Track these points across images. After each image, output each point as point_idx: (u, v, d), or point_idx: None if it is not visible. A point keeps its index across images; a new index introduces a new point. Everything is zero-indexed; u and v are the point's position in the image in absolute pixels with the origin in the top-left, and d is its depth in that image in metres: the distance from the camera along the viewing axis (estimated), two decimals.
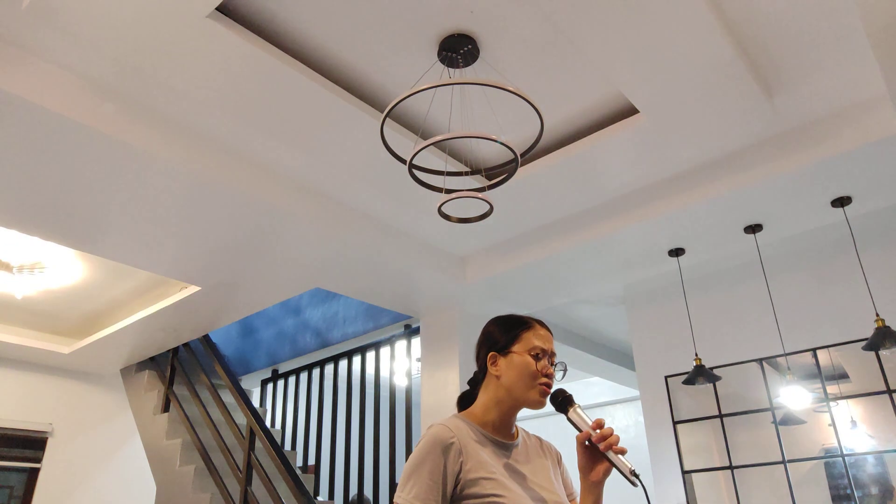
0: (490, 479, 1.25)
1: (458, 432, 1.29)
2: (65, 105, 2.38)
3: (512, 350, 1.37)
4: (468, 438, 1.30)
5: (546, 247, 3.70)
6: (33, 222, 3.20)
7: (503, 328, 1.42)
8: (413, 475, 1.23)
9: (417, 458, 1.25)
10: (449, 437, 1.27)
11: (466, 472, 1.24)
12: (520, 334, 1.39)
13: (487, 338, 1.43)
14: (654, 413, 4.32)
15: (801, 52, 2.50)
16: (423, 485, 1.21)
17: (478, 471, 1.25)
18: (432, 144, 2.10)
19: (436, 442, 1.25)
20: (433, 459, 1.23)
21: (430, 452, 1.24)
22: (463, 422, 1.34)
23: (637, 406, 6.87)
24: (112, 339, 4.97)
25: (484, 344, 1.44)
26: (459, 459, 1.25)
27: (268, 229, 3.30)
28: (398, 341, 5.02)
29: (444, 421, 1.32)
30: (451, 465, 1.24)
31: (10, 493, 5.13)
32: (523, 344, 1.37)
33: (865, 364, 3.63)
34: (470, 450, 1.27)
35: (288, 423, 5.97)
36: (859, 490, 3.53)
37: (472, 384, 1.47)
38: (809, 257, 4.01)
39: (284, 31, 2.35)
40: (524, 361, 1.35)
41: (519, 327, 1.40)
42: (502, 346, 1.39)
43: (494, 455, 1.32)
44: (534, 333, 1.39)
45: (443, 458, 1.23)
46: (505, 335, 1.40)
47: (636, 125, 2.81)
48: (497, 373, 1.37)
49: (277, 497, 3.92)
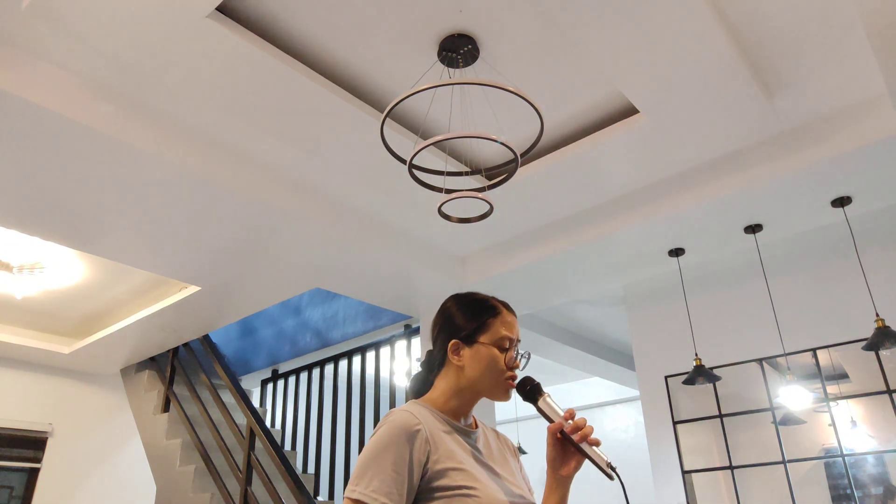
0: (459, 471, 1.14)
1: (423, 419, 1.17)
2: (65, 105, 2.38)
3: (478, 340, 1.25)
4: (434, 425, 1.19)
5: (546, 247, 3.70)
6: (33, 222, 3.20)
7: (468, 313, 1.29)
8: (372, 466, 1.09)
9: (378, 447, 1.11)
10: (414, 423, 1.14)
11: (434, 462, 1.13)
12: (487, 322, 1.27)
13: (448, 322, 1.30)
14: (654, 413, 4.33)
15: (801, 52, 2.50)
16: (386, 476, 1.08)
17: (446, 461, 1.14)
18: (432, 144, 2.10)
19: (400, 429, 1.12)
20: (397, 448, 1.10)
21: (394, 441, 1.11)
22: (425, 408, 1.23)
23: (637, 406, 6.87)
24: (112, 339, 4.97)
25: (444, 328, 1.30)
26: (426, 448, 1.13)
27: (268, 229, 3.30)
28: (398, 341, 5.02)
29: (405, 407, 1.20)
30: (418, 455, 1.11)
31: (10, 493, 5.13)
32: (490, 334, 1.26)
33: (865, 364, 3.63)
34: (437, 438, 1.16)
35: (288, 424, 5.97)
36: (859, 490, 3.53)
37: (427, 370, 1.34)
38: (809, 257, 4.01)
39: (284, 31, 2.35)
40: (491, 355, 1.24)
41: (485, 314, 1.28)
42: (467, 334, 1.26)
43: (461, 444, 1.21)
44: (501, 321, 1.28)
45: (408, 446, 1.11)
46: (470, 322, 1.27)
47: (636, 125, 2.81)
48: (460, 363, 1.25)
49: (277, 497, 3.92)
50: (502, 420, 7.03)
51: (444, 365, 1.30)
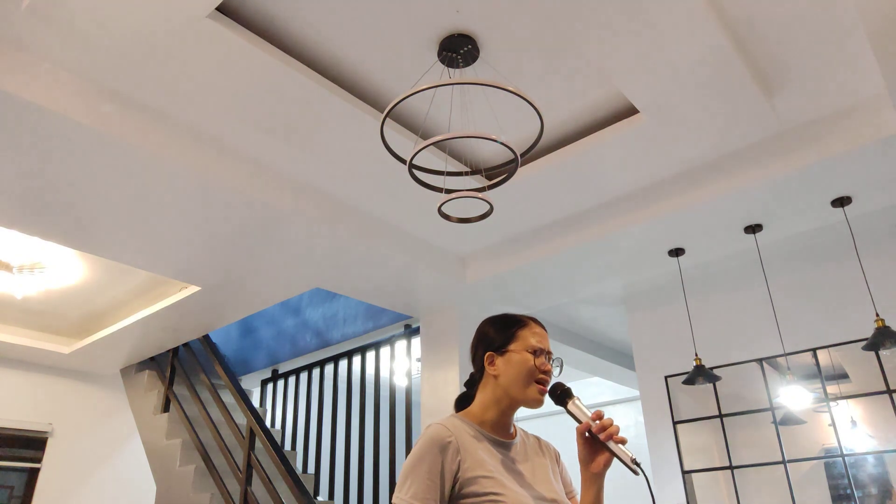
0: (488, 478, 1.25)
1: (455, 431, 1.29)
2: (65, 105, 2.38)
3: (509, 349, 1.37)
4: (466, 437, 1.30)
5: (546, 247, 3.70)
6: (33, 222, 3.20)
7: (499, 327, 1.42)
8: (411, 475, 1.23)
9: (415, 458, 1.25)
10: (446, 436, 1.27)
11: (465, 470, 1.24)
12: (516, 333, 1.39)
13: (483, 338, 1.43)
14: (654, 413, 4.33)
15: (801, 52, 2.50)
16: (422, 484, 1.21)
17: (476, 469, 1.25)
18: (432, 144, 2.10)
19: (433, 441, 1.26)
20: (431, 458, 1.23)
21: (428, 452, 1.24)
22: (461, 421, 1.35)
23: (637, 406, 6.86)
24: (112, 339, 4.97)
25: (480, 344, 1.43)
26: (458, 458, 1.25)
27: (268, 229, 3.30)
28: (398, 341, 5.02)
29: (441, 421, 1.32)
30: (449, 465, 1.24)
31: (10, 493, 5.13)
32: (520, 342, 1.37)
33: (865, 364, 3.63)
34: (468, 448, 1.28)
35: (288, 424, 5.97)
36: (859, 490, 3.53)
37: (469, 385, 1.47)
38: (809, 257, 4.01)
39: (284, 31, 2.35)
40: (522, 359, 1.35)
41: (515, 326, 1.41)
42: (499, 345, 1.39)
43: (492, 453, 1.32)
44: (530, 331, 1.40)
45: (440, 457, 1.24)
46: (501, 334, 1.40)
47: (636, 125, 2.81)
48: (495, 372, 1.37)
49: (277, 497, 3.92)
50: None
51: (482, 379, 1.42)
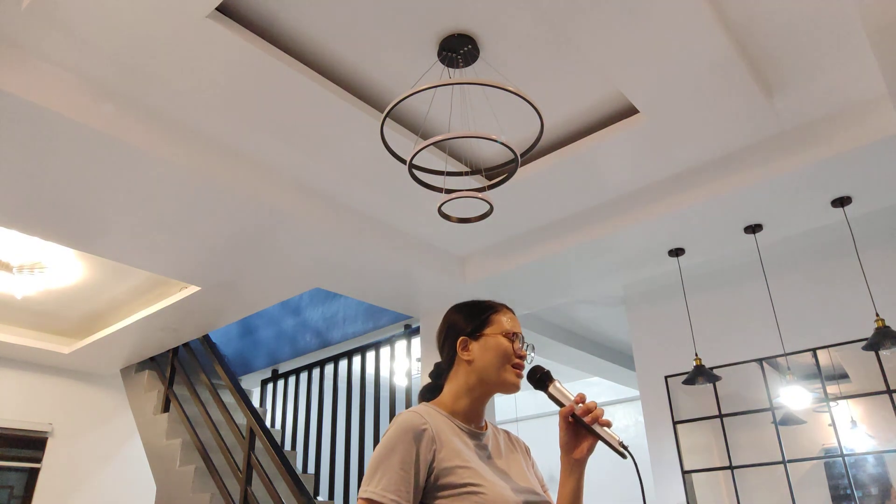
0: (466, 468, 1.17)
1: (430, 419, 1.21)
2: (65, 105, 2.38)
3: (484, 333, 1.32)
4: (441, 425, 1.23)
5: (546, 247, 3.70)
6: (33, 222, 3.20)
7: (471, 312, 1.38)
8: (382, 465, 1.13)
9: (386, 447, 1.15)
10: (420, 423, 1.18)
11: (440, 460, 1.16)
12: (490, 317, 1.35)
13: (453, 325, 1.38)
14: (654, 413, 4.33)
15: (801, 52, 2.50)
16: (394, 475, 1.12)
17: (453, 459, 1.18)
18: (432, 144, 2.09)
19: (406, 429, 1.17)
20: (404, 448, 1.14)
21: (401, 441, 1.15)
22: (433, 409, 1.28)
23: (637, 406, 6.87)
24: (112, 339, 4.97)
25: (450, 332, 1.37)
26: (433, 447, 1.17)
27: (268, 229, 3.30)
28: (398, 341, 5.02)
29: (414, 408, 1.24)
30: (424, 454, 1.15)
31: (10, 493, 5.13)
32: (496, 326, 1.33)
33: (865, 364, 3.63)
34: (443, 437, 1.20)
35: (288, 424, 5.97)
36: (859, 490, 3.53)
37: (436, 376, 1.40)
38: (809, 257, 4.01)
39: (284, 31, 2.35)
40: (498, 343, 1.31)
41: (488, 310, 1.37)
42: (473, 329, 1.34)
43: (467, 443, 1.25)
44: (504, 315, 1.36)
45: (415, 445, 1.15)
46: (475, 319, 1.35)
47: (636, 125, 2.81)
48: (469, 357, 1.31)
49: (277, 497, 3.92)
50: (502, 420, 7.03)
51: (451, 367, 1.35)
